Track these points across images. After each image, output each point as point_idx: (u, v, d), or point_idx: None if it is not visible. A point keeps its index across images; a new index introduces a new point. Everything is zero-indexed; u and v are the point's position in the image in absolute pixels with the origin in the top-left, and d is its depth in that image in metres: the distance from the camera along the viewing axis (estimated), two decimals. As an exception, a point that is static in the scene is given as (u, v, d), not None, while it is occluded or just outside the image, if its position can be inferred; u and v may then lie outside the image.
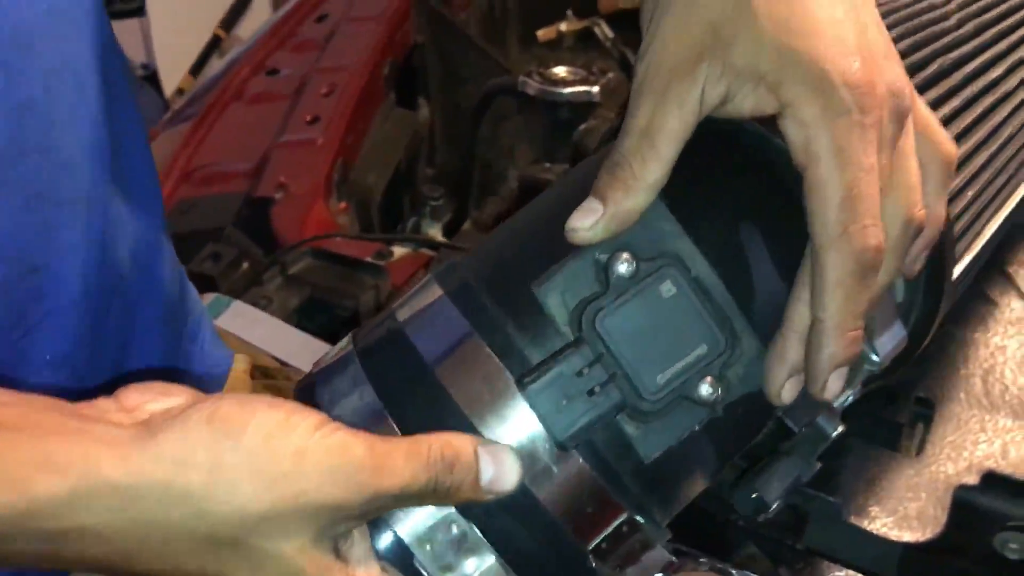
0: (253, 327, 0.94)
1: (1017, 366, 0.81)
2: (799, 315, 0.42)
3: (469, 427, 0.42)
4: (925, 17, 0.65)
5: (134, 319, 0.63)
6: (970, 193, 0.61)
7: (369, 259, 1.12)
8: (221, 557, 0.38)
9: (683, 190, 0.44)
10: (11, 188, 0.51)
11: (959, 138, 0.60)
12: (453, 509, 0.42)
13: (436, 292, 0.45)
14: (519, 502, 0.42)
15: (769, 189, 0.46)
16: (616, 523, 0.43)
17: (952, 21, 0.67)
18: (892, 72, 0.43)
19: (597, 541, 0.43)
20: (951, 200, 0.53)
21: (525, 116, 1.47)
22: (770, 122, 0.43)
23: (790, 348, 0.42)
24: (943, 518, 0.71)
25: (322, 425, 0.39)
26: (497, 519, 0.42)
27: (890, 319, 0.48)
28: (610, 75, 1.12)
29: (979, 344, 0.83)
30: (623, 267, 0.41)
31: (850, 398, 0.50)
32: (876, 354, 0.47)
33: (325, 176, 1.28)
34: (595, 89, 1.03)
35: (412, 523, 0.42)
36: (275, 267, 1.12)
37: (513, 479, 0.41)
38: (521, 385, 0.41)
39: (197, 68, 3.14)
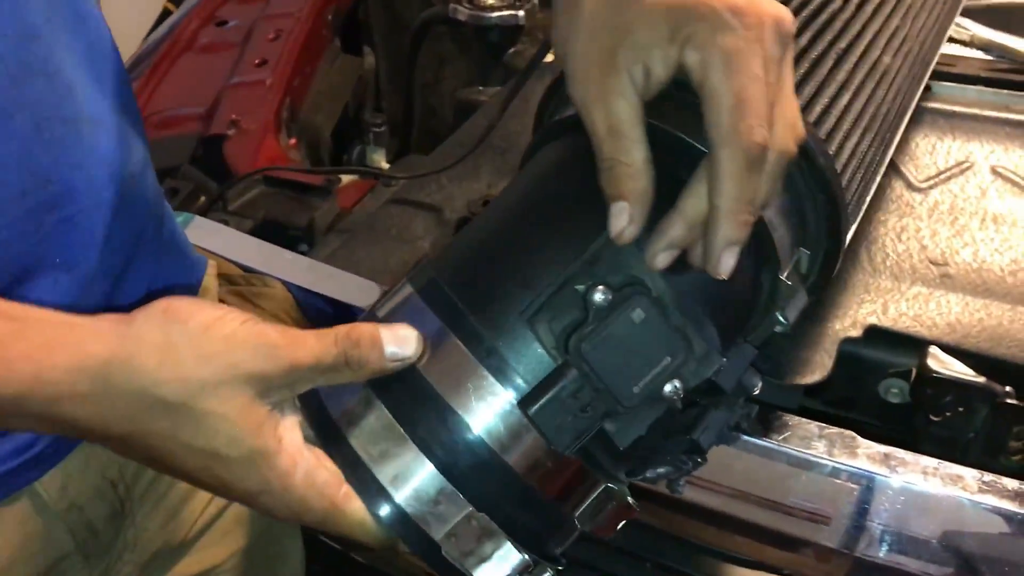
0: (215, 237, 1.01)
1: (896, 236, 0.91)
2: (690, 206, 0.49)
3: (482, 444, 0.49)
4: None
5: (135, 229, 0.71)
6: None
7: (318, 185, 1.19)
8: (171, 418, 0.47)
9: None
10: (22, 109, 0.58)
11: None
12: (471, 507, 0.49)
13: (433, 322, 0.51)
14: (521, 492, 0.50)
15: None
16: (596, 493, 0.52)
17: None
18: (774, 5, 0.49)
19: (582, 509, 0.52)
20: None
21: (464, 54, 1.54)
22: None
23: (672, 227, 0.49)
24: (830, 364, 0.81)
25: (249, 319, 0.48)
26: (504, 508, 0.50)
27: (796, 291, 0.56)
28: (534, 0, 1.20)
29: (864, 219, 0.92)
30: (599, 296, 0.48)
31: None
32: (786, 320, 0.56)
33: (274, 113, 1.34)
34: (521, 13, 1.10)
35: (441, 524, 0.50)
36: (230, 193, 1.19)
37: (412, 347, 0.49)
38: (523, 406, 0.48)
39: (148, 39, 3.17)
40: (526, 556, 0.50)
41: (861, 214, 0.73)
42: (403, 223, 1.07)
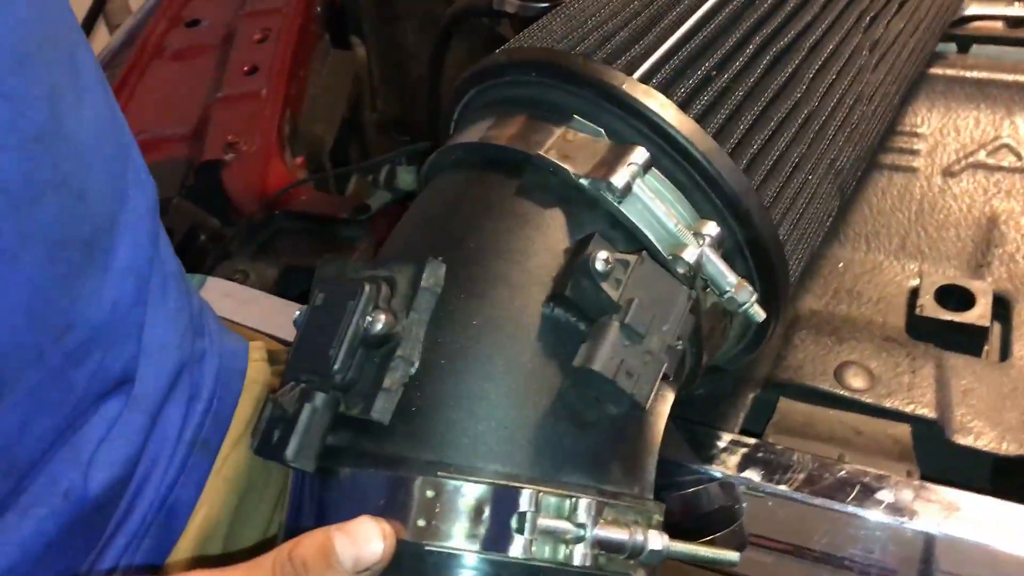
0: (238, 305, 0.82)
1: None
2: None
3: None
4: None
5: (157, 327, 0.56)
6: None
7: (346, 216, 1.01)
8: None
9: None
10: (32, 239, 0.43)
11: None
12: None
13: None
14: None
15: None
16: (414, 495, 0.41)
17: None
18: None
19: (413, 521, 0.41)
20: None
21: (466, 40, 1.36)
22: None
23: None
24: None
25: None
26: None
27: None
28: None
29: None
30: (299, 319, 0.47)
31: None
32: None
33: (276, 130, 1.15)
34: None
35: None
36: (242, 235, 1.00)
37: (377, 548, 0.39)
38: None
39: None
40: None
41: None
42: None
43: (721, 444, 0.64)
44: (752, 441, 0.64)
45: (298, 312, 0.47)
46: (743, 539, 0.63)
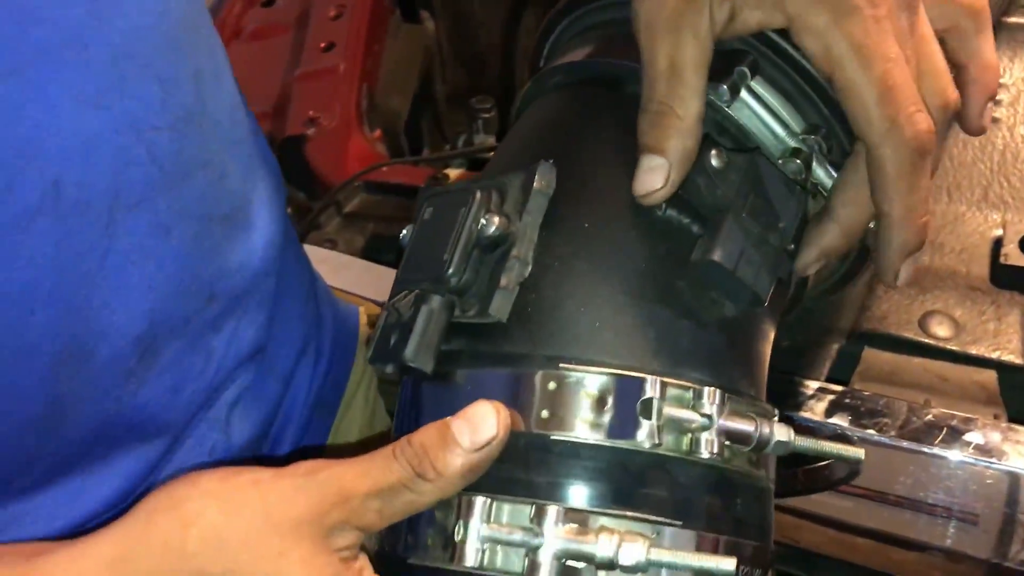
0: (332, 271, 0.86)
1: None
2: (846, 214, 0.44)
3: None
4: None
5: (287, 296, 0.60)
6: None
7: (425, 184, 1.04)
8: None
9: None
10: (183, 214, 0.46)
11: None
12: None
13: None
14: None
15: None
16: (536, 389, 0.41)
17: None
18: None
19: (536, 413, 0.41)
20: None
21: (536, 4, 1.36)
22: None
23: (826, 236, 0.44)
24: None
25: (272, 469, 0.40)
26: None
27: None
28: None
29: None
30: (406, 237, 0.46)
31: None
32: None
33: (355, 104, 1.18)
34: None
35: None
36: (328, 207, 1.03)
37: (491, 423, 0.39)
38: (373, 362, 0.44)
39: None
40: None
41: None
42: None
43: (808, 391, 0.65)
44: (839, 388, 0.65)
45: (404, 231, 0.47)
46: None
